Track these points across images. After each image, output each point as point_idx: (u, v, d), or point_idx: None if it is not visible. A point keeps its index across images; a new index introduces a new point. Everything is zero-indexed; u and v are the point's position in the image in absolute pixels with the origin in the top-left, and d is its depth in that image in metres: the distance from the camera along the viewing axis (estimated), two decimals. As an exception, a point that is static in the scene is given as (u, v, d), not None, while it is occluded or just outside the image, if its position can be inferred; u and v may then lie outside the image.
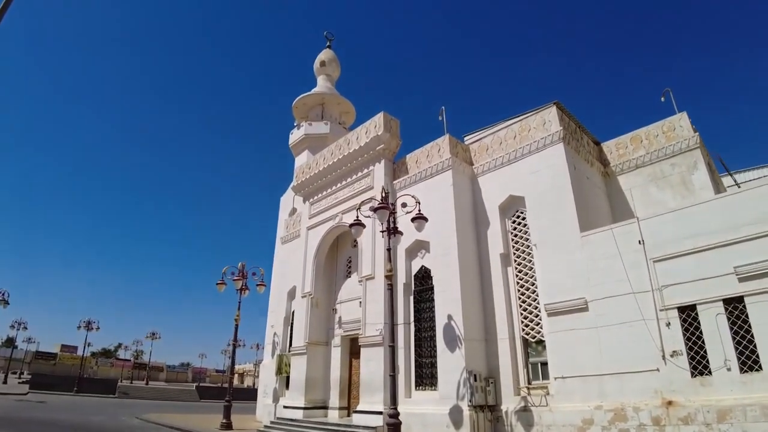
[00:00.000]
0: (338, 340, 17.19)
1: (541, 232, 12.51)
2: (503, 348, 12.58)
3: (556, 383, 11.24)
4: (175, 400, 37.90)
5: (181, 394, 42.46)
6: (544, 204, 12.64)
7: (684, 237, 10.03)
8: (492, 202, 14.14)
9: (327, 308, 18.12)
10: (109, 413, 21.07)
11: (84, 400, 28.92)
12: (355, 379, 16.57)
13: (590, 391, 10.58)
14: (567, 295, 11.46)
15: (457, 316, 12.66)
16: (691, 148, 13.07)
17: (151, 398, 36.81)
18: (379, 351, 14.00)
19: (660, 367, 9.74)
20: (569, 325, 11.27)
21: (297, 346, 17.46)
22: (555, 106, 13.39)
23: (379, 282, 14.87)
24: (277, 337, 19.82)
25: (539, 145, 13.27)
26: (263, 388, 20.70)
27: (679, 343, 9.65)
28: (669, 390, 9.53)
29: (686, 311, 9.75)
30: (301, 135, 26.00)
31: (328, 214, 18.39)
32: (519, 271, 13.14)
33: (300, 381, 16.77)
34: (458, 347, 12.36)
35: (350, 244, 18.30)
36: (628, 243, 10.84)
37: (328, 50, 29.72)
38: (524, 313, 12.71)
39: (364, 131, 17.14)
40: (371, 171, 16.88)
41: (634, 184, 14.07)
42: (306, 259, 18.69)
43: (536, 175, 13.06)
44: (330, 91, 27.97)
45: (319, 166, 19.14)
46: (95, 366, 67.90)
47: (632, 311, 10.35)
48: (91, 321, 46.86)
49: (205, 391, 43.38)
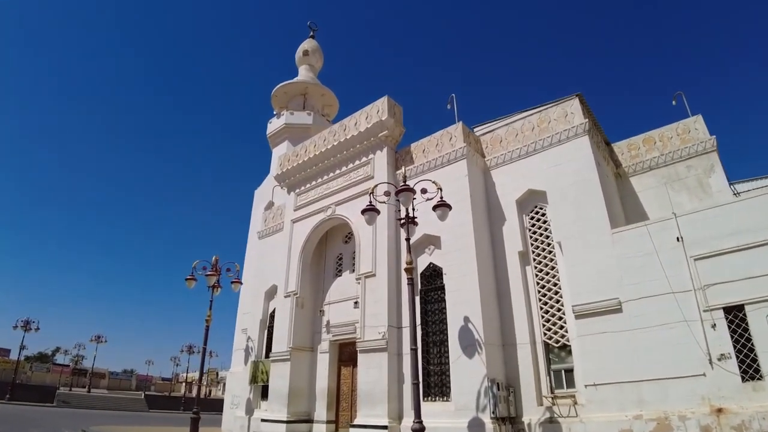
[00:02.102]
0: (326, 346, 15.46)
1: (566, 229, 11.70)
2: (523, 354, 11.55)
3: (587, 391, 10.32)
4: (122, 409, 33.98)
5: (128, 403, 38.26)
6: (569, 199, 11.88)
7: (726, 234, 9.54)
8: (508, 196, 13.23)
9: (313, 310, 16.35)
10: (49, 425, 17.89)
11: (18, 409, 25.21)
12: (344, 390, 14.90)
13: (627, 399, 9.73)
14: (598, 296, 10.65)
15: (475, 318, 11.49)
16: (708, 151, 12.93)
17: (94, 407, 32.66)
18: (382, 357, 12.53)
19: (707, 372, 9.08)
20: (601, 328, 10.43)
21: (279, 352, 15.50)
22: (577, 98, 12.81)
23: (382, 280, 13.48)
24: (251, 342, 17.67)
25: (562, 137, 12.57)
26: (231, 398, 18.38)
27: (726, 346, 9.04)
28: (718, 396, 8.86)
29: (733, 311, 9.19)
30: (281, 124, 24.17)
31: (317, 206, 16.75)
32: (539, 271, 12.24)
33: (282, 391, 14.82)
34: (477, 353, 11.16)
35: (342, 240, 16.75)
36: (665, 240, 10.24)
37: (312, 40, 28.21)
38: (546, 315, 11.79)
39: (364, 116, 15.79)
40: (371, 159, 15.52)
41: (648, 186, 13.75)
42: (290, 255, 16.86)
43: (559, 168, 12.31)
44: (313, 81, 26.39)
45: (308, 153, 17.50)
46: (29, 371, 60.32)
47: (672, 312, 9.68)
48: (29, 320, 40.87)
49: (154, 401, 39.37)
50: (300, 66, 27.64)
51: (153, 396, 44.60)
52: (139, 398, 41.30)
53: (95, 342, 53.87)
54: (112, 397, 43.03)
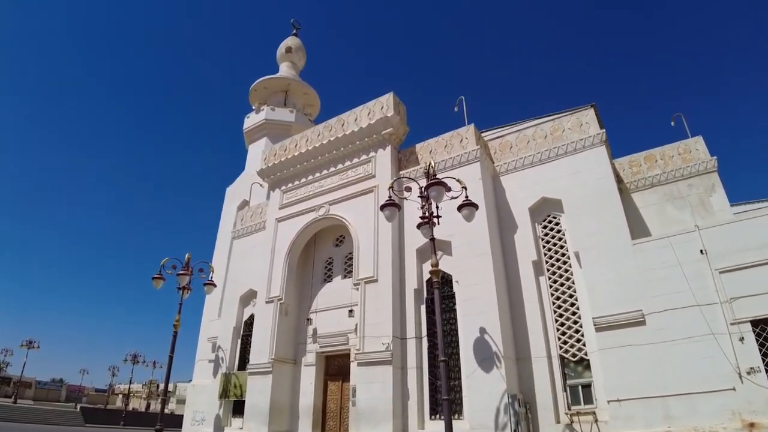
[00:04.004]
0: (312, 358, 14.03)
1: (584, 239, 11.37)
2: (539, 368, 10.92)
3: (610, 407, 9.81)
4: (54, 423, 29.52)
5: (60, 416, 33.24)
6: (587, 209, 11.61)
7: (750, 248, 9.56)
8: (519, 203, 12.80)
9: (297, 318, 14.90)
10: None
11: None
12: (332, 407, 13.51)
13: (654, 415, 9.32)
14: (620, 308, 10.30)
15: (493, 329, 10.74)
16: (709, 171, 13.33)
17: (23, 421, 27.88)
18: (386, 371, 11.41)
19: (736, 386, 8.87)
20: (624, 341, 10.04)
21: (259, 364, 13.82)
22: (592, 108, 12.78)
23: (385, 286, 12.46)
24: (222, 352, 15.74)
25: (577, 146, 12.40)
26: (192, 414, 16.18)
27: (755, 359, 8.91)
28: (749, 411, 8.65)
29: (760, 325, 9.14)
30: (261, 120, 22.67)
31: (307, 205, 15.49)
32: (554, 282, 11.80)
33: (261, 408, 13.14)
34: (496, 366, 10.36)
35: (332, 242, 15.54)
36: (688, 253, 10.13)
37: (295, 37, 27.12)
38: (561, 328, 11.29)
39: (366, 112, 14.91)
40: (372, 158, 14.60)
41: (650, 202, 13.92)
42: (274, 257, 15.38)
43: (576, 178, 12.07)
44: (296, 78, 25.18)
45: (299, 148, 16.27)
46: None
47: (699, 325, 9.49)
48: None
49: (92, 415, 34.55)
50: (281, 63, 26.40)
51: (91, 409, 39.44)
52: (73, 411, 36.18)
53: (26, 347, 47.17)
54: (41, 408, 37.19)
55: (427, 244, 12.70)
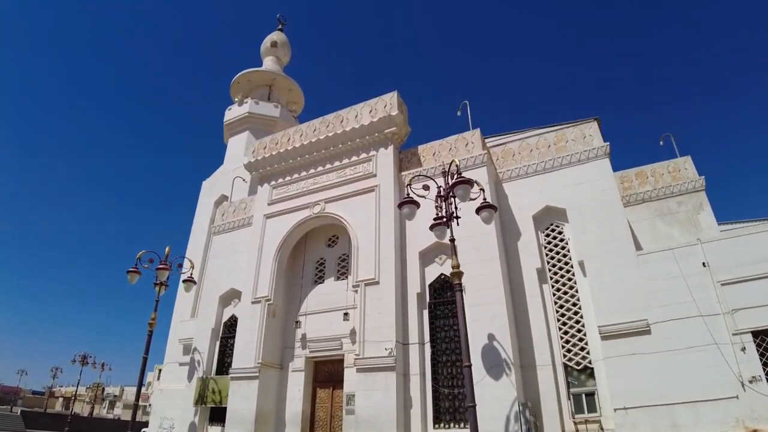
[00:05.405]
0: (300, 363, 13.22)
1: (589, 249, 11.48)
2: (544, 376, 10.81)
3: (617, 415, 9.83)
4: None
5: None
6: (591, 218, 11.77)
7: (750, 262, 9.99)
8: (523, 210, 12.80)
9: (285, 320, 14.04)
10: None
11: None
12: (321, 416, 12.75)
13: (660, 424, 9.41)
14: (625, 317, 10.42)
15: (502, 336, 10.53)
16: (697, 190, 14.00)
17: None
18: (389, 377, 10.88)
19: (739, 394, 9.14)
20: (630, 349, 10.15)
21: (243, 368, 12.82)
22: (596, 121, 13.09)
23: (387, 288, 11.99)
24: (198, 355, 14.49)
25: (581, 157, 12.60)
26: (159, 421, 14.74)
27: (757, 368, 9.24)
28: (752, 418, 8.93)
29: (760, 335, 9.51)
30: (244, 113, 21.65)
31: (300, 202, 14.77)
32: (557, 290, 11.81)
33: (245, 415, 12.14)
34: (506, 374, 10.13)
35: (324, 242, 14.87)
36: (690, 265, 10.46)
37: (281, 33, 26.32)
38: (565, 336, 11.28)
39: (367, 109, 14.50)
40: (372, 157, 14.17)
41: (642, 217, 14.41)
42: (261, 255, 14.47)
43: (580, 188, 12.23)
44: (281, 73, 24.34)
45: (292, 143, 15.56)
46: None
47: (702, 335, 9.76)
48: None
49: (34, 419, 31.10)
50: (265, 57, 25.48)
51: (33, 413, 35.35)
52: (11, 415, 32.27)
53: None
54: (-27, 412, 33.05)
55: (429, 248, 12.51)
